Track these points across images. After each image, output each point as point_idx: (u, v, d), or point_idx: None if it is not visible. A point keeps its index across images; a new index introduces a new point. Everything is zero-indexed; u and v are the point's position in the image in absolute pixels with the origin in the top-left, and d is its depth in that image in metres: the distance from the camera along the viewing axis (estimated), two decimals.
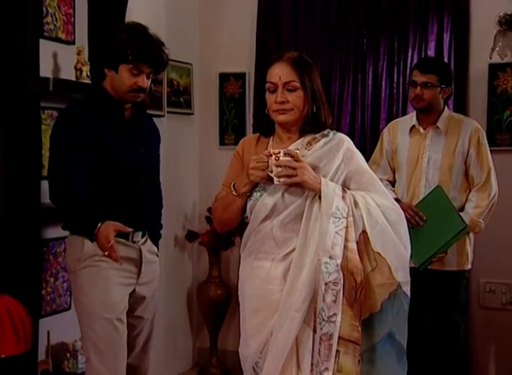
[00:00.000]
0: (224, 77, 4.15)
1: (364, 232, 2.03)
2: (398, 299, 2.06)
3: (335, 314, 1.96)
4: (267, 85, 2.08)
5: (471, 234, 3.19)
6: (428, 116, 3.17)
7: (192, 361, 4.21)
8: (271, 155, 1.96)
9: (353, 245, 2.01)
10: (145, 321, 2.53)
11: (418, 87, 3.06)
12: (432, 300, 3.18)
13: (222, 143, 4.17)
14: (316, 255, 1.99)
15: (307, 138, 2.11)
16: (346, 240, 1.99)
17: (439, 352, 3.21)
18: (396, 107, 3.75)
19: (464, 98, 3.65)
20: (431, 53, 3.68)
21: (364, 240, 2.03)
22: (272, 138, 2.14)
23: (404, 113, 3.70)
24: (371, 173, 2.13)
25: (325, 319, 1.95)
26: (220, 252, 4.01)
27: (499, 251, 3.58)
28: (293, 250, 2.05)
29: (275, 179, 1.95)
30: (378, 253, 2.03)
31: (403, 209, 2.52)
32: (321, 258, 1.97)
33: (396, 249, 2.06)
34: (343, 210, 1.99)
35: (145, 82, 2.44)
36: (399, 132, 3.25)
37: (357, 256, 1.99)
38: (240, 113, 4.11)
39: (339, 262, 1.96)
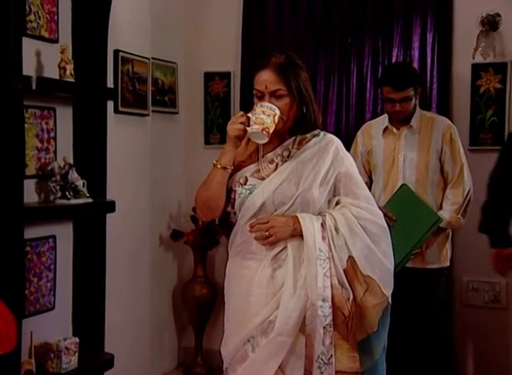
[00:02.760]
0: (209, 76, 4.14)
1: (350, 257, 2.03)
2: (387, 312, 2.09)
3: (332, 355, 1.97)
4: (254, 91, 2.07)
5: (450, 231, 3.22)
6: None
7: (177, 360, 4.20)
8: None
9: (334, 280, 2.00)
10: None
11: (397, 105, 3.08)
12: (413, 298, 3.18)
13: (207, 142, 4.16)
14: (306, 297, 1.98)
15: (298, 138, 2.10)
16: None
17: (420, 350, 3.23)
18: (381, 107, 3.72)
19: (447, 98, 3.67)
20: (414, 53, 3.70)
21: (352, 265, 2.03)
22: None
23: None
24: (358, 177, 2.12)
25: (326, 362, 1.96)
26: (205, 252, 4.00)
27: (482, 250, 3.47)
28: (282, 250, 2.03)
29: (249, 128, 1.95)
30: (368, 276, 2.03)
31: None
32: (315, 302, 1.96)
33: (382, 266, 2.06)
34: (325, 251, 1.99)
35: None
36: (373, 134, 3.27)
37: (340, 290, 1.99)
38: (224, 112, 4.09)
39: (330, 303, 1.97)
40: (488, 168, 3.32)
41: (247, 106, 2.18)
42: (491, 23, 3.55)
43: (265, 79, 2.03)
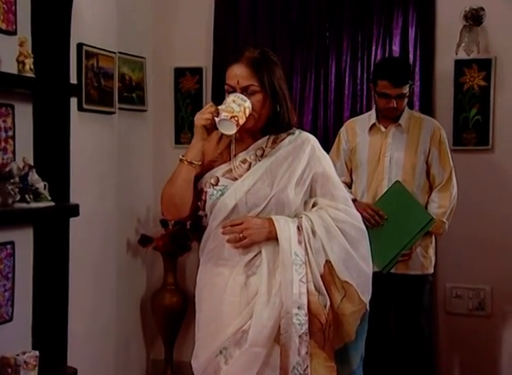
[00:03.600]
0: (179, 72, 4.10)
1: (327, 261, 2.01)
2: (365, 319, 2.08)
3: (308, 366, 1.96)
4: (225, 87, 2.04)
5: (433, 237, 3.21)
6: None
7: (145, 374, 4.15)
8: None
9: (311, 286, 1.98)
10: None
11: (393, 101, 3.05)
12: (396, 304, 3.18)
13: (177, 142, 4.13)
14: (281, 305, 1.96)
15: (272, 137, 2.08)
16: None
17: (403, 358, 3.22)
18: (360, 104, 3.74)
19: (429, 96, 3.67)
20: (396, 48, 3.69)
21: (329, 270, 2.02)
22: (233, 137, 2.09)
23: (369, 110, 3.62)
24: (335, 177, 2.10)
25: (301, 372, 1.94)
26: (176, 258, 3.97)
27: (465, 255, 3.61)
28: (256, 256, 2.01)
29: (217, 118, 1.94)
30: (346, 281, 2.02)
31: (360, 209, 2.62)
32: (290, 310, 1.94)
33: (360, 271, 2.05)
34: (301, 255, 1.97)
35: None
36: (357, 131, 3.24)
37: (316, 296, 1.97)
38: (196, 110, 3.43)
39: (306, 310, 1.95)
40: (472, 169, 3.43)
41: (220, 103, 2.11)
42: (474, 18, 3.56)
43: (237, 73, 2.00)
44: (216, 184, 2.02)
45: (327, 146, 3.41)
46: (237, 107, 1.92)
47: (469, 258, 3.51)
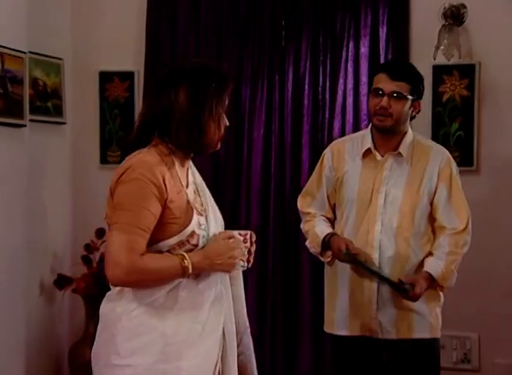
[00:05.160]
0: (106, 77, 4.02)
1: None
2: None
3: None
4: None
5: (441, 292, 2.89)
6: (388, 137, 2.86)
7: None
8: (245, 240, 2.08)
9: None
10: None
11: (385, 97, 2.79)
12: None
13: (103, 161, 4.05)
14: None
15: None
16: None
17: None
18: (322, 117, 3.71)
19: None
20: (364, 50, 3.65)
21: None
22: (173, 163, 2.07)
23: (331, 125, 3.69)
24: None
25: None
26: (100, 302, 3.70)
27: (448, 297, 3.25)
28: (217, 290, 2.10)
29: (242, 263, 2.08)
30: None
31: (336, 246, 2.71)
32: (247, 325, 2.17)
33: None
34: None
35: None
36: (347, 156, 2.94)
37: None
38: (126, 122, 3.98)
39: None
40: None
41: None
42: (455, 16, 3.51)
43: None
44: (200, 224, 2.03)
45: (283, 168, 3.72)
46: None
47: (452, 301, 3.28)
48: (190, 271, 1.93)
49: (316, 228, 2.83)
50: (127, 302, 1.97)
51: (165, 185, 1.94)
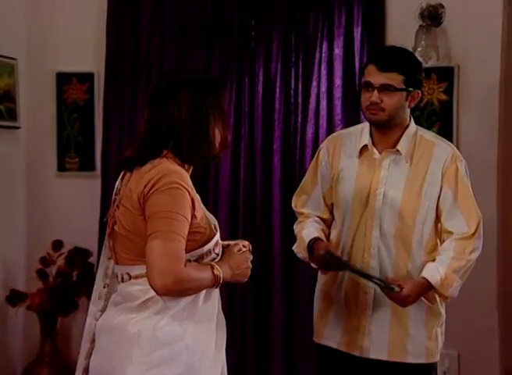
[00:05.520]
0: (63, 78, 3.97)
1: None
2: None
3: None
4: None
5: (442, 309, 2.68)
6: (386, 132, 2.69)
7: None
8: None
9: None
10: None
11: (375, 92, 2.61)
12: None
13: (61, 168, 3.98)
14: None
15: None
16: None
17: None
18: (294, 121, 3.68)
19: None
20: (338, 51, 3.63)
21: None
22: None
23: (304, 130, 3.65)
24: None
25: None
26: (56, 320, 3.81)
27: None
28: None
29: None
30: None
31: (316, 251, 2.55)
32: None
33: None
34: None
35: None
36: (342, 152, 2.77)
37: None
38: (86, 127, 3.95)
39: None
40: None
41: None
42: (432, 17, 3.50)
43: None
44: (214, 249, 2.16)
45: (253, 175, 3.68)
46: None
47: None
48: (221, 279, 2.03)
49: (304, 231, 2.65)
50: (153, 314, 2.00)
51: (193, 193, 2.03)
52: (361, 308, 2.57)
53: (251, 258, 2.17)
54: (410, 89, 2.59)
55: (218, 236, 2.09)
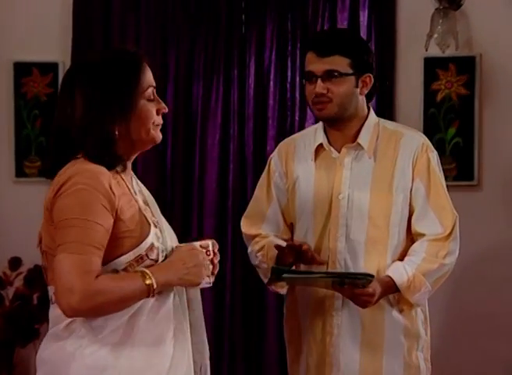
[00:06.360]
0: (22, 69, 3.87)
1: None
2: None
3: None
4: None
5: (422, 330, 2.57)
6: (343, 127, 2.61)
7: None
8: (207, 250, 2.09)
9: None
10: None
11: (319, 81, 2.54)
12: None
13: (19, 173, 3.89)
14: None
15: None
16: None
17: None
18: (291, 119, 3.63)
19: (389, 107, 3.61)
20: None
21: None
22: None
23: (302, 129, 3.47)
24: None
25: None
26: (14, 350, 3.73)
27: None
28: None
29: (208, 279, 2.08)
30: None
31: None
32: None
33: None
34: None
35: None
36: (296, 158, 2.70)
37: None
38: (49, 126, 3.78)
39: None
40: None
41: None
42: None
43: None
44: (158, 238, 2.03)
45: (244, 181, 3.63)
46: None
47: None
48: (155, 287, 1.88)
49: (270, 238, 2.55)
50: (78, 338, 1.91)
51: (114, 193, 1.88)
52: (328, 330, 2.48)
53: (210, 257, 2.02)
54: (359, 73, 2.54)
55: (150, 239, 1.94)
